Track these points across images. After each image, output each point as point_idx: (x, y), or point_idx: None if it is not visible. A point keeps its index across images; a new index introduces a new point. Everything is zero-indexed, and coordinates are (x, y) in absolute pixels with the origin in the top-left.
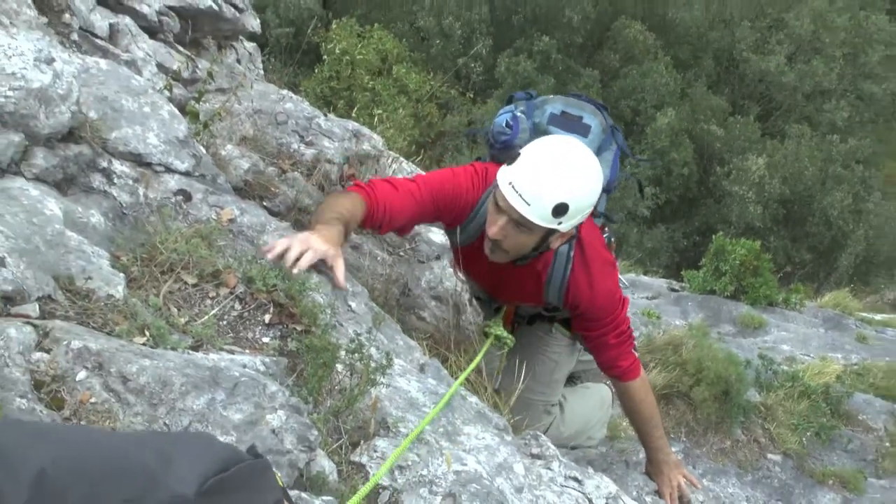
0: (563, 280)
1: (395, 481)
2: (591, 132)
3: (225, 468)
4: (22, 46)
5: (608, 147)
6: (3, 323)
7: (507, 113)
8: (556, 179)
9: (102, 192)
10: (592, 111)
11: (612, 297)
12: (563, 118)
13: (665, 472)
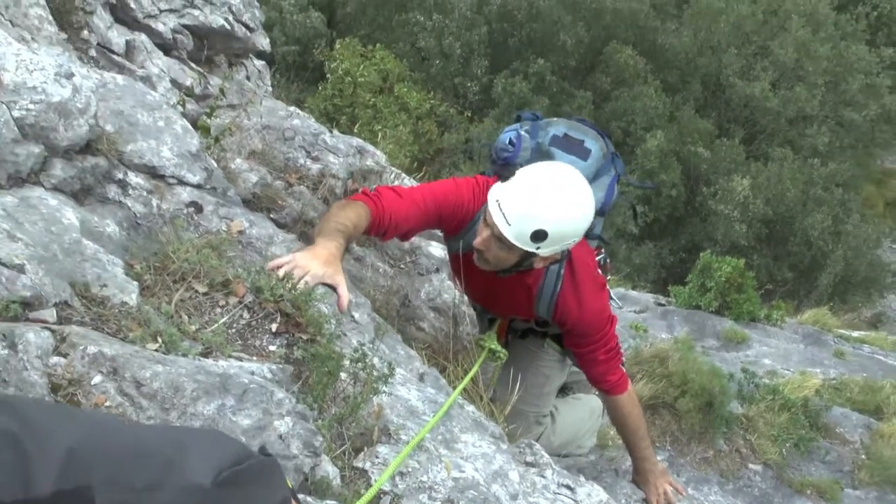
0: (553, 297)
1: (396, 487)
2: (590, 156)
3: (238, 462)
4: (43, 61)
5: (607, 172)
6: (22, 328)
7: (512, 131)
8: (539, 206)
9: (118, 203)
10: (594, 136)
11: (599, 316)
12: (566, 140)
13: (651, 480)
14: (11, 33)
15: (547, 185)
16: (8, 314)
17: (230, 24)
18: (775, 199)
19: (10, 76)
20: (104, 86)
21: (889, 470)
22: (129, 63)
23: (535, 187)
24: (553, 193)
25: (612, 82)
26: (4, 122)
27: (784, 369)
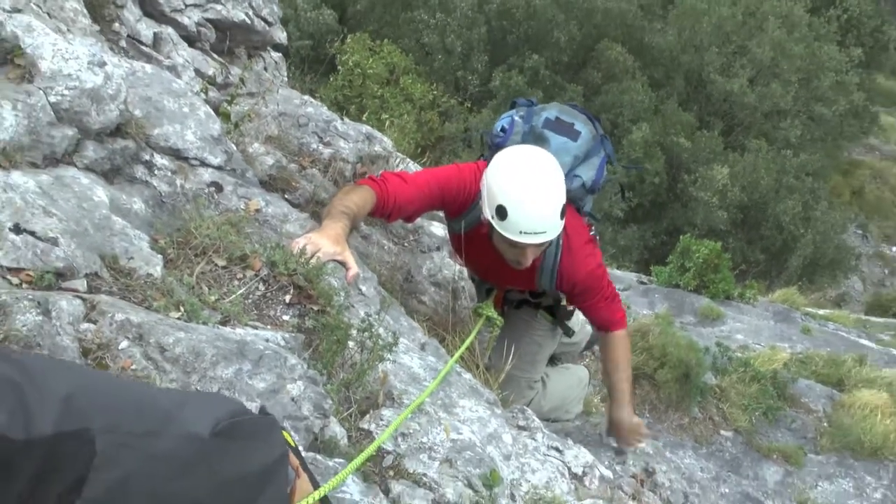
0: (554, 268)
1: (399, 447)
2: (580, 137)
3: (236, 416)
4: (77, 51)
5: (597, 153)
6: (56, 296)
7: (507, 118)
8: (547, 202)
9: (144, 182)
10: (584, 120)
11: (596, 273)
12: (557, 123)
13: (622, 436)
14: (48, 25)
15: (528, 180)
16: (42, 283)
17: (250, 18)
18: (750, 187)
19: (47, 64)
20: (133, 74)
21: (848, 437)
22: (157, 53)
23: (535, 200)
24: (538, 180)
25: (602, 77)
26: (41, 107)
27: (755, 344)
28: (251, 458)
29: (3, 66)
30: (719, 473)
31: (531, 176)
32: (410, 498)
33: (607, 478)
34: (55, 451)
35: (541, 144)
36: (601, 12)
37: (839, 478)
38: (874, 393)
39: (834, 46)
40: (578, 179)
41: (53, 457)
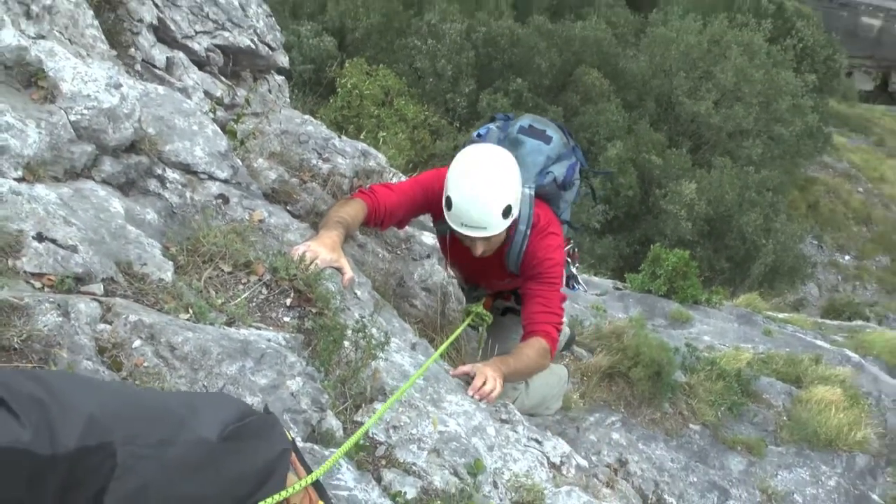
0: (520, 254)
1: (390, 438)
2: (552, 141)
3: (241, 419)
4: (96, 74)
5: (567, 157)
6: (74, 299)
7: (485, 127)
8: (487, 200)
9: (157, 195)
10: (555, 128)
11: (552, 266)
12: (531, 130)
13: (482, 364)
14: (69, 50)
15: (474, 176)
16: (63, 287)
17: (255, 44)
18: (716, 201)
19: (68, 86)
20: (147, 95)
21: (805, 430)
22: (169, 76)
23: (472, 192)
24: (485, 182)
25: (580, 99)
26: (62, 125)
27: (721, 344)
28: (255, 457)
29: (27, 87)
30: (688, 463)
31: (479, 174)
32: (401, 485)
33: (583, 467)
34: (79, 465)
35: (516, 147)
36: (579, 40)
37: (797, 467)
38: (829, 389)
39: (790, 73)
40: (551, 175)
41: (77, 469)
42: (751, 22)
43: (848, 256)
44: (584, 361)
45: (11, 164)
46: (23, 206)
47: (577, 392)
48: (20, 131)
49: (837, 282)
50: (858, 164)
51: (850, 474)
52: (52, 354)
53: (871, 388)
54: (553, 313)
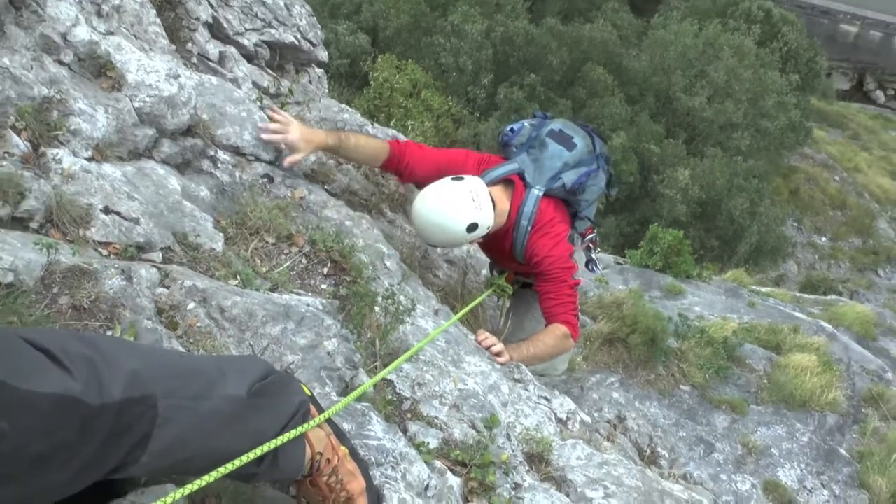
0: (524, 243)
1: (415, 394)
2: (575, 149)
3: (265, 377)
4: (157, 66)
5: (588, 164)
6: (136, 265)
7: (521, 123)
8: (437, 232)
9: (209, 174)
10: (583, 135)
11: (557, 259)
12: (560, 134)
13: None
14: (134, 44)
15: (425, 220)
16: (126, 255)
17: (298, 40)
18: (707, 186)
19: (133, 76)
20: (202, 85)
21: (783, 392)
22: (222, 68)
23: (426, 228)
24: (433, 220)
25: (587, 94)
26: (127, 111)
27: (710, 315)
28: (277, 410)
29: (97, 77)
30: (678, 420)
31: (425, 217)
32: (424, 436)
33: (586, 422)
34: (125, 414)
35: (540, 148)
36: (587, 40)
37: (775, 424)
38: (805, 356)
39: (776, 73)
40: (560, 181)
41: (123, 418)
42: (742, 27)
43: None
44: (588, 328)
45: (82, 145)
46: (92, 183)
47: (580, 355)
48: (91, 116)
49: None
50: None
51: (821, 431)
52: (116, 314)
53: (842, 355)
54: (565, 304)
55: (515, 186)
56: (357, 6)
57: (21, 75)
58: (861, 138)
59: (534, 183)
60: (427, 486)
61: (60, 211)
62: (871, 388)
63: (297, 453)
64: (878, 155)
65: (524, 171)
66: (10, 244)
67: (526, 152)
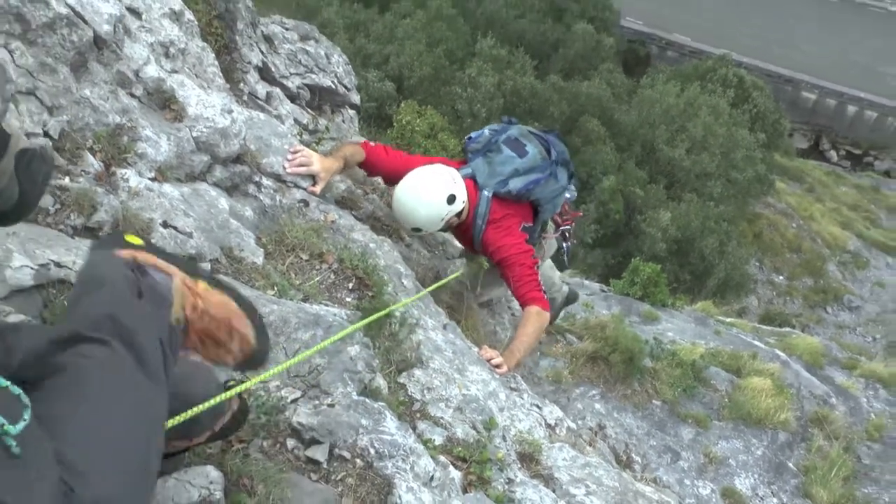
0: (479, 238)
1: (424, 397)
2: (527, 156)
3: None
4: (214, 101)
5: (540, 171)
6: None
7: (484, 129)
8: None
9: (254, 197)
10: (536, 144)
11: (511, 247)
12: (514, 142)
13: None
14: (195, 82)
15: (405, 200)
16: None
17: (335, 85)
18: (683, 227)
19: (193, 109)
20: (251, 119)
21: (741, 410)
22: (268, 106)
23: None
24: (414, 199)
25: (582, 142)
26: (187, 139)
27: (681, 340)
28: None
29: (162, 109)
30: (650, 430)
31: (406, 197)
32: (431, 434)
33: (572, 428)
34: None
35: (496, 153)
36: (584, 95)
37: (734, 438)
38: (762, 380)
39: (746, 131)
40: (507, 187)
41: None
42: (718, 90)
43: (781, 277)
44: (574, 346)
45: (147, 166)
46: (154, 200)
47: (567, 369)
48: (155, 142)
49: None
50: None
51: (773, 446)
52: None
53: (794, 381)
54: (528, 283)
55: (470, 189)
56: (385, 57)
57: (99, 105)
58: (816, 191)
59: (484, 185)
60: (432, 477)
61: (126, 223)
62: (817, 411)
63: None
64: (831, 206)
65: (476, 175)
66: (82, 251)
67: (483, 156)
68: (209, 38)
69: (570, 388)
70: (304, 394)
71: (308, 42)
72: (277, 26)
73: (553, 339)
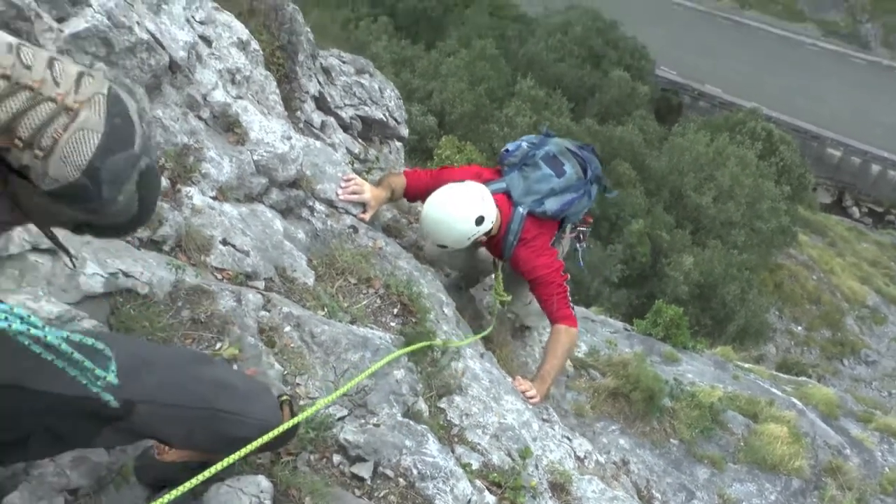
0: (510, 248)
1: (463, 422)
2: (564, 176)
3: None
4: (274, 128)
5: (575, 191)
6: (245, 290)
7: (521, 141)
8: (446, 229)
9: (307, 220)
10: (574, 164)
11: (543, 267)
12: (553, 159)
13: (530, 381)
14: (258, 108)
15: (434, 218)
16: (236, 281)
17: (387, 117)
18: (706, 273)
19: (255, 134)
20: (308, 147)
21: (757, 454)
22: (323, 135)
23: (434, 225)
24: (442, 218)
25: (613, 184)
26: (247, 162)
27: (700, 382)
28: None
29: (226, 132)
30: (667, 468)
31: (434, 216)
32: (468, 458)
33: (600, 462)
34: None
35: (531, 168)
36: (617, 140)
37: (748, 482)
38: (778, 427)
39: (772, 183)
40: (543, 205)
41: None
42: (746, 142)
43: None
44: (597, 381)
45: (210, 186)
46: (215, 218)
47: (588, 404)
48: (218, 163)
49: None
50: (815, 258)
51: (786, 493)
52: (226, 329)
53: (809, 429)
54: (558, 300)
55: (503, 204)
56: (429, 93)
57: (170, 125)
58: (837, 246)
59: (519, 202)
60: (469, 500)
61: (188, 238)
62: (831, 461)
63: None
64: (851, 261)
65: (511, 190)
66: (148, 262)
67: (519, 170)
68: (272, 67)
69: (592, 422)
70: (351, 412)
71: (363, 75)
72: (335, 59)
73: (577, 373)
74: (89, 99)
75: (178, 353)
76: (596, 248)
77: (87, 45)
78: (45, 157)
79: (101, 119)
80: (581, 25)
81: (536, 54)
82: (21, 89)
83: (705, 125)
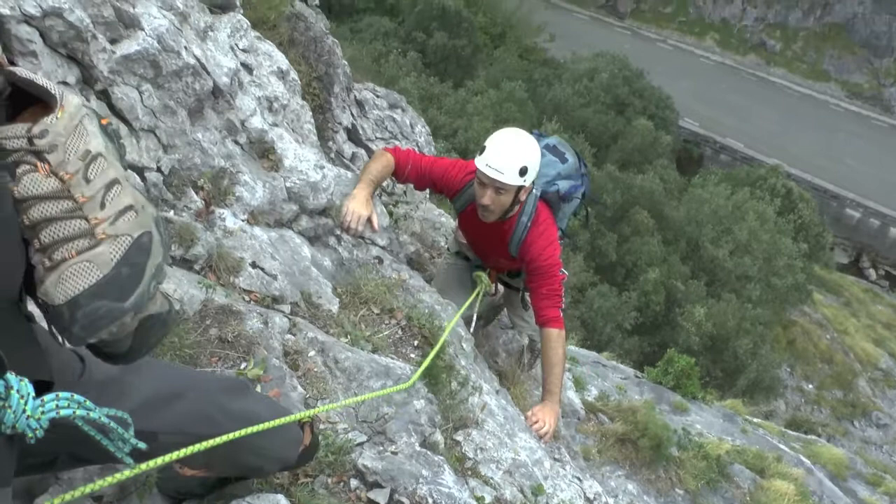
0: (520, 240)
1: (477, 456)
2: (567, 163)
3: None
4: (308, 156)
5: (575, 179)
6: (272, 313)
7: None
8: (514, 152)
9: (333, 248)
10: (572, 154)
11: (549, 260)
12: (553, 149)
13: (539, 407)
14: (292, 136)
15: (511, 139)
16: (263, 303)
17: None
18: (719, 325)
19: (289, 161)
20: (339, 176)
21: None
22: (353, 165)
23: (505, 144)
24: (517, 142)
25: (630, 231)
26: (280, 188)
27: (708, 433)
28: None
29: (261, 158)
30: None
31: (512, 137)
32: (482, 492)
33: None
34: None
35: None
36: (637, 187)
37: None
38: (785, 484)
39: (789, 240)
40: (556, 186)
41: None
42: (766, 197)
43: (811, 385)
44: (605, 426)
45: (242, 209)
46: (245, 241)
47: (595, 447)
48: (252, 188)
49: (801, 403)
50: (829, 318)
51: None
52: (252, 350)
53: (817, 488)
54: (552, 297)
55: None
56: (454, 130)
57: (208, 148)
58: (852, 306)
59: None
60: None
61: (219, 259)
62: None
63: None
64: (865, 323)
65: None
66: (179, 279)
67: None
68: (307, 97)
69: (600, 465)
70: (370, 438)
71: (395, 110)
72: (370, 93)
73: (587, 417)
74: (117, 236)
75: (210, 380)
76: (610, 294)
77: (136, 67)
78: (49, 270)
79: (112, 261)
80: (608, 72)
81: (563, 99)
82: (67, 199)
83: (726, 178)
